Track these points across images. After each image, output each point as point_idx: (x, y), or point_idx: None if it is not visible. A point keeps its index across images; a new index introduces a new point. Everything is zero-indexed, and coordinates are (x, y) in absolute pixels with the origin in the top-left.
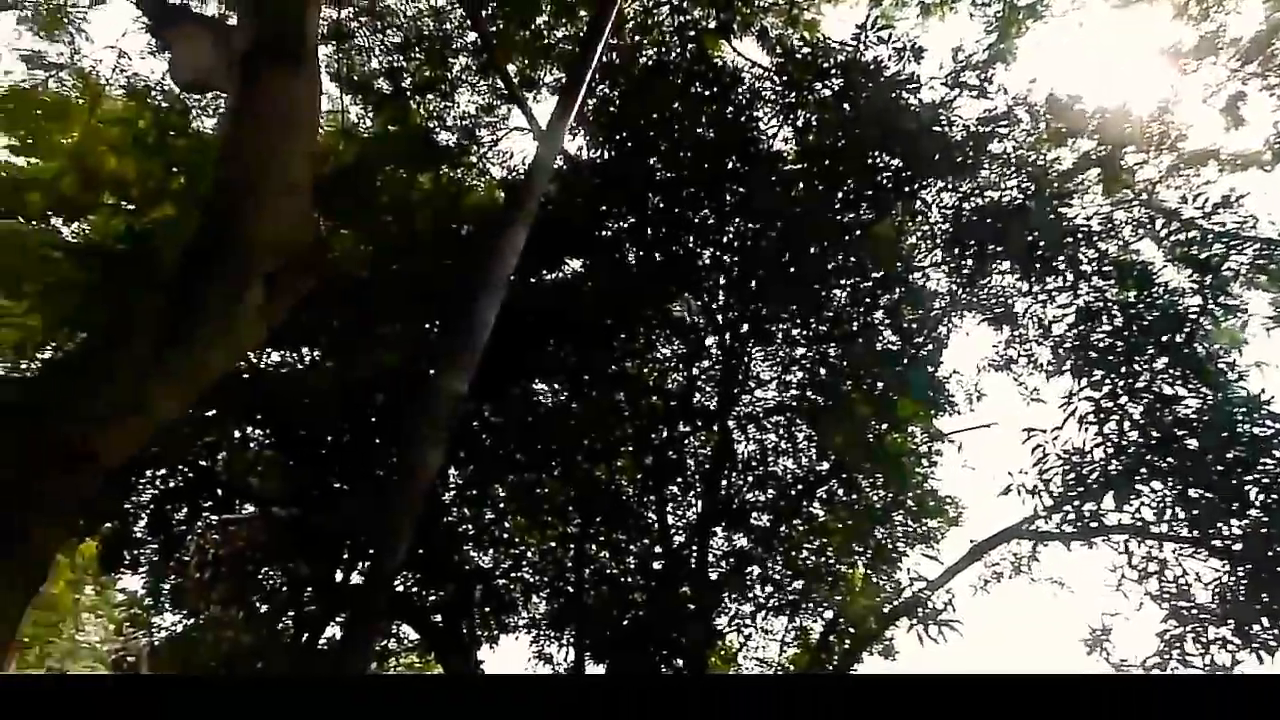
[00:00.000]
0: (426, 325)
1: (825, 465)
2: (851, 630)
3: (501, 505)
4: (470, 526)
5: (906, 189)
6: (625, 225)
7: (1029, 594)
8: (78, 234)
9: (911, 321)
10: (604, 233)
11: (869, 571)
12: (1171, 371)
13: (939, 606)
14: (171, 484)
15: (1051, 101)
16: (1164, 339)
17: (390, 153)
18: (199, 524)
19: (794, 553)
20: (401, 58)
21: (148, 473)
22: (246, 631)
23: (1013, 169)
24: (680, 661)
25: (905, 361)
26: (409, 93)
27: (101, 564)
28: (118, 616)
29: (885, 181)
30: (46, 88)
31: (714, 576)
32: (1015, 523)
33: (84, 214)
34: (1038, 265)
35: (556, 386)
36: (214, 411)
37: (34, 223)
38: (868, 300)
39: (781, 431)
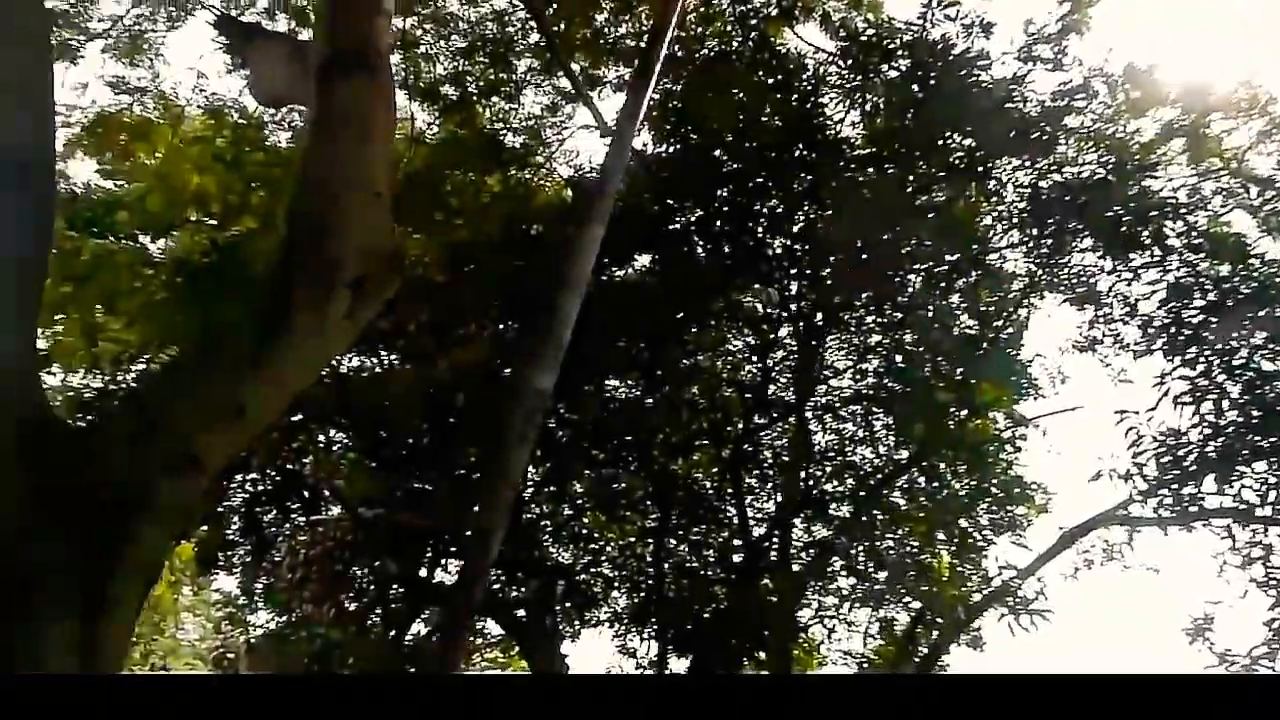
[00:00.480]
0: (503, 325)
1: (905, 454)
2: (939, 621)
3: (579, 501)
4: (549, 523)
5: (980, 169)
6: (693, 218)
7: (1124, 582)
8: (165, 250)
9: (990, 304)
10: (672, 226)
11: (955, 561)
12: (1272, 346)
13: (1029, 596)
14: (261, 488)
15: (1130, 71)
16: (1262, 313)
17: (458, 157)
18: (288, 525)
19: (876, 543)
20: (466, 62)
21: (238, 477)
22: (337, 629)
23: (1091, 143)
24: (763, 655)
25: (984, 345)
26: (474, 96)
27: (198, 565)
28: (215, 616)
29: (958, 162)
30: (131, 111)
31: (795, 568)
32: (1108, 508)
33: (169, 231)
34: (1122, 241)
35: (631, 382)
36: (299, 416)
37: (124, 241)
38: (943, 284)
39: (859, 420)
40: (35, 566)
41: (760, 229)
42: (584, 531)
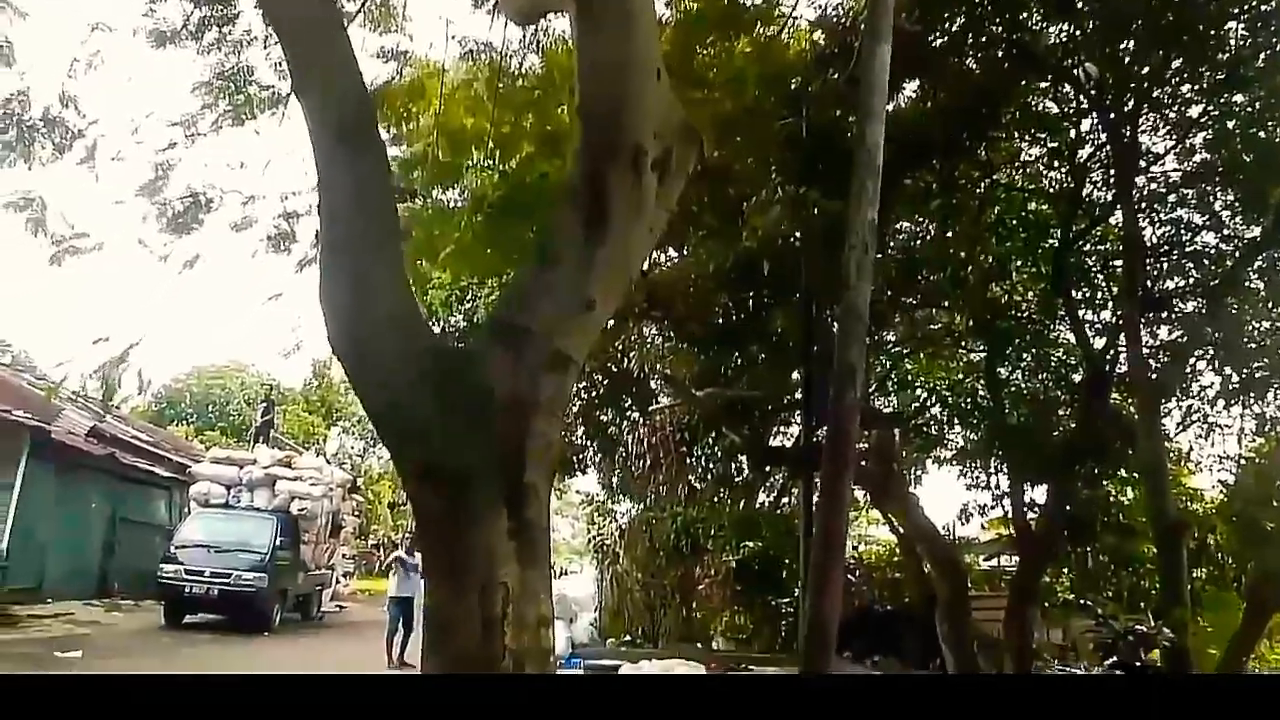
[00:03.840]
0: (795, 187)
1: (1256, 231)
2: None
3: (895, 349)
4: (871, 377)
5: None
6: (956, 26)
7: None
8: (462, 195)
9: None
10: (936, 42)
11: None
12: None
13: None
14: (594, 394)
15: None
16: None
17: (701, 32)
18: (625, 422)
19: (1237, 334)
20: None
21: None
22: (692, 506)
23: None
24: (1122, 471)
25: None
26: None
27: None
28: (583, 513)
29: None
30: (400, 76)
31: (1152, 376)
32: None
33: (457, 178)
34: None
35: (924, 219)
36: (610, 322)
37: (418, 198)
38: (1273, 25)
39: (1194, 204)
40: (464, 468)
41: (1035, 18)
42: (909, 378)
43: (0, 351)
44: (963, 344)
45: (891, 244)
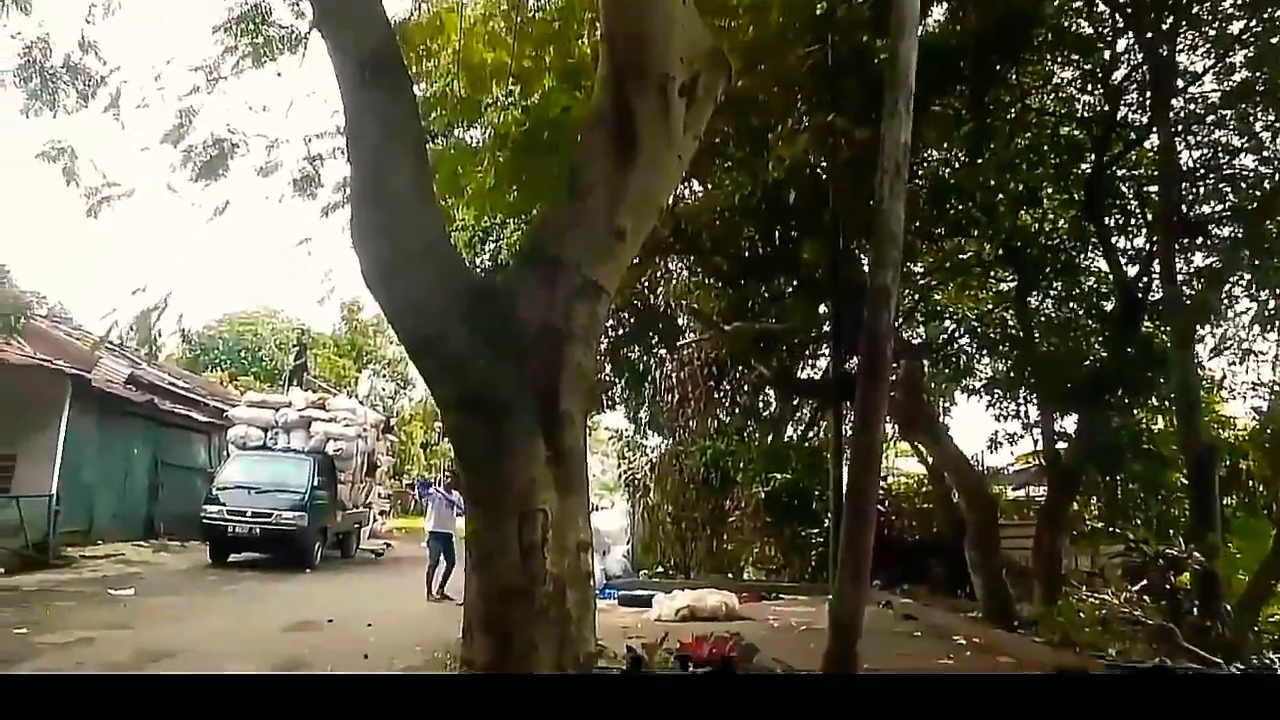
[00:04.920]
0: (827, 117)
1: None
2: None
3: (923, 280)
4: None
5: None
6: None
7: None
8: (484, 132)
9: None
10: None
11: None
12: None
13: None
14: (621, 331)
15: None
16: None
17: None
18: (651, 359)
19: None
20: None
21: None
22: (720, 439)
23: None
24: (1154, 400)
25: None
26: None
27: None
28: (613, 449)
29: None
30: (419, 12)
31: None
32: None
33: (478, 116)
34: None
35: (952, 148)
36: (636, 259)
37: (440, 138)
38: None
39: (1232, 125)
40: (501, 398)
41: None
42: (938, 309)
43: (37, 303)
44: (992, 273)
45: (920, 172)
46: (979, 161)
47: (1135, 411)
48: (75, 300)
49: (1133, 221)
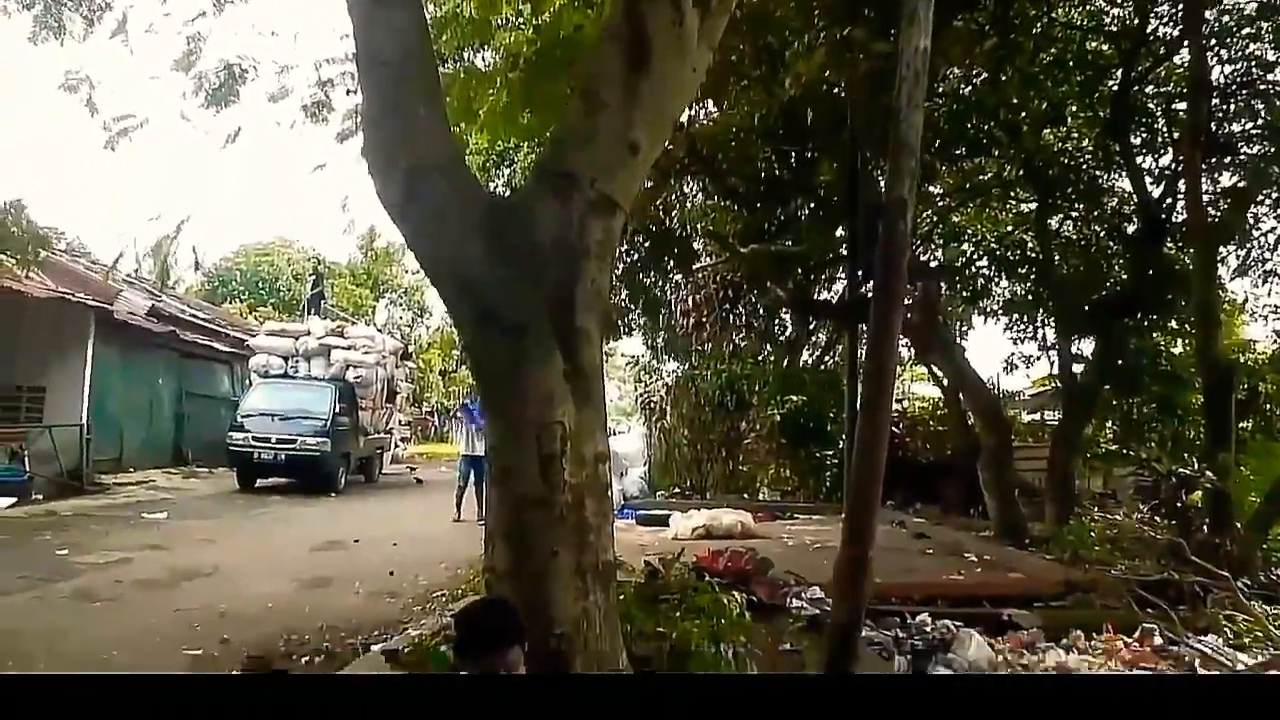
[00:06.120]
0: (844, 31)
1: None
2: None
3: (942, 202)
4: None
5: None
6: None
7: None
8: (495, 54)
9: None
10: None
11: None
12: None
13: None
14: (635, 257)
15: None
16: None
17: None
18: (667, 285)
19: None
20: None
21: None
22: (736, 362)
23: None
24: (1173, 323)
25: None
26: None
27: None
28: (629, 374)
29: None
30: None
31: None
32: None
33: (488, 37)
34: None
35: (973, 66)
36: (650, 182)
37: (449, 61)
38: None
39: (1268, 38)
40: (519, 311)
41: None
42: (956, 230)
43: (55, 238)
44: (1012, 194)
45: (941, 89)
46: (1002, 78)
47: (1155, 334)
48: (91, 235)
49: (1159, 140)
